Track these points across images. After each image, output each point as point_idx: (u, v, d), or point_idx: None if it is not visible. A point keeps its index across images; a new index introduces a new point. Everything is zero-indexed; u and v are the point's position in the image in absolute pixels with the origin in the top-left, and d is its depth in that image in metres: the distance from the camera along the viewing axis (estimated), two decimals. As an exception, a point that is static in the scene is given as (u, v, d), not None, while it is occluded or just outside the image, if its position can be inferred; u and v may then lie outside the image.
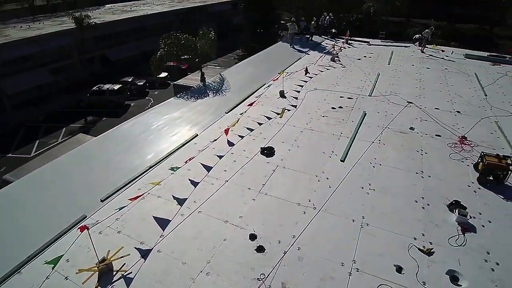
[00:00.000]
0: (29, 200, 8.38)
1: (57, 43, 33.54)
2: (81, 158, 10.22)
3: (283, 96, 14.18)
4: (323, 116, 12.35)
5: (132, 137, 11.31)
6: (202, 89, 15.71)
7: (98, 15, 44.54)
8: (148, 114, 13.16)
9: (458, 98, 14.15)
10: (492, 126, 11.71)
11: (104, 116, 30.13)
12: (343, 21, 34.02)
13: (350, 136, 10.82)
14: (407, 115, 12.40)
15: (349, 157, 9.65)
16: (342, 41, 24.51)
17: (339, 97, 14.13)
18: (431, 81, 16.18)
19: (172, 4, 54.47)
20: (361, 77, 16.80)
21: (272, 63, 19.41)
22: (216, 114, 12.86)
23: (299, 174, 8.90)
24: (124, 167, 9.50)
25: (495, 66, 19.14)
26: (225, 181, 8.65)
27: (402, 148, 10.15)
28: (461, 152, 9.93)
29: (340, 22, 33.02)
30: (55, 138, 26.90)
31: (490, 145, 10.40)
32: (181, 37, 16.70)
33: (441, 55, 21.17)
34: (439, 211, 7.60)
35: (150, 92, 35.57)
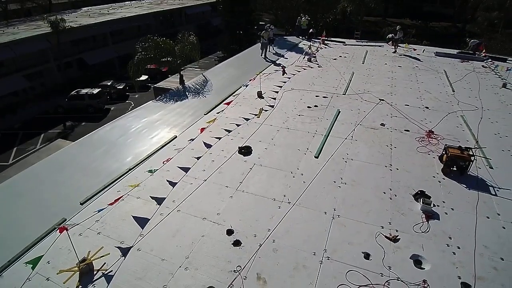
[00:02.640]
0: (8, 206, 8.42)
1: (33, 48, 32.91)
2: (59, 163, 10.26)
3: (260, 96, 14.52)
4: (299, 115, 12.75)
5: (111, 141, 11.42)
6: (181, 92, 15.88)
7: (74, 18, 43.89)
8: (127, 117, 13.26)
9: (427, 94, 14.82)
10: (458, 120, 12.36)
11: (83, 121, 29.81)
12: (320, 22, 34.66)
13: (324, 133, 11.23)
14: (379, 112, 12.94)
15: (323, 153, 10.05)
16: (319, 42, 25.07)
17: (315, 96, 14.58)
18: (402, 79, 16.85)
19: (150, 7, 54.13)
20: (336, 76, 17.32)
21: (252, 64, 19.75)
22: (195, 115, 13.08)
23: (275, 171, 9.24)
24: (103, 170, 9.62)
25: (464, 63, 20.03)
26: (203, 180, 8.90)
27: (373, 143, 10.64)
28: (427, 146, 10.49)
29: (317, 23, 33.65)
30: (33, 144, 26.42)
31: (456, 138, 11.02)
32: (159, 40, 16.80)
33: (413, 53, 21.97)
34: (406, 201, 8.08)
35: (130, 95, 35.36)
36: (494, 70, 18.37)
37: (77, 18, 43.45)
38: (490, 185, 8.69)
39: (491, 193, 8.38)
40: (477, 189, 8.51)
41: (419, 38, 47.62)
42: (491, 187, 8.61)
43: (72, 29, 35.10)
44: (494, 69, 18.53)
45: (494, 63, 19.25)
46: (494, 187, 8.59)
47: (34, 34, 33.83)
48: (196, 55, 18.26)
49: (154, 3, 59.04)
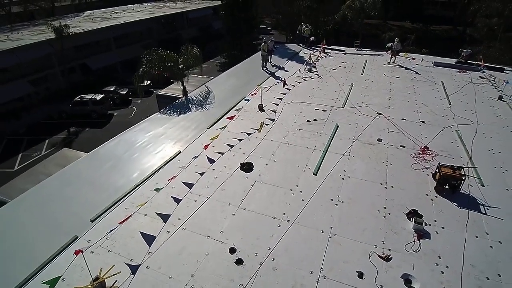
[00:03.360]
0: (21, 223, 8.87)
1: (37, 54, 33.42)
2: (68, 178, 10.72)
3: (262, 109, 14.96)
4: (299, 129, 13.18)
5: (117, 156, 11.87)
6: (184, 103, 16.33)
7: (77, 23, 44.34)
8: (132, 131, 13.73)
9: (424, 107, 15.24)
10: (453, 135, 12.78)
11: (87, 127, 30.26)
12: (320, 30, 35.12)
13: (323, 149, 11.67)
14: (376, 126, 13.36)
15: (321, 170, 10.49)
16: (319, 50, 25.49)
17: (314, 109, 15.00)
18: (400, 91, 17.27)
19: (152, 11, 54.57)
20: (335, 88, 17.74)
21: (252, 74, 20.20)
22: (198, 129, 13.53)
23: (275, 189, 9.68)
24: (110, 186, 10.08)
25: (462, 74, 20.43)
26: (207, 198, 9.35)
27: (369, 160, 11.07)
28: (422, 162, 10.92)
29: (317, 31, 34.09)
30: (38, 150, 26.92)
31: (450, 154, 11.44)
32: (163, 54, 17.26)
33: (412, 63, 22.38)
34: (399, 219, 8.51)
35: (133, 100, 35.80)
36: (492, 81, 18.71)
37: (80, 23, 43.89)
38: (480, 203, 9.12)
39: (481, 212, 8.81)
40: (468, 207, 8.94)
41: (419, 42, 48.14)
42: (481, 205, 9.04)
43: (75, 35, 35.51)
44: (492, 80, 18.86)
45: (492, 75, 19.56)
46: (484, 206, 9.02)
47: (38, 40, 34.24)
48: (199, 67, 18.63)
49: (156, 7, 59.49)
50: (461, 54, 21.93)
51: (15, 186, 16.22)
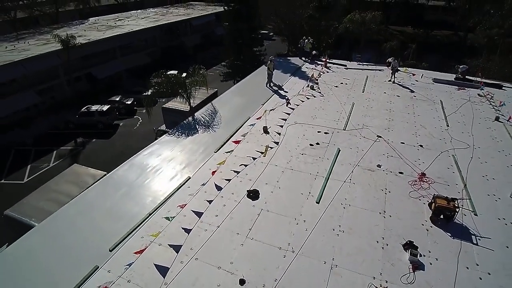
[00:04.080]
0: (39, 255, 9.48)
1: (44, 65, 34.13)
2: (84, 206, 11.36)
3: (266, 132, 15.59)
4: (302, 154, 13.80)
5: (130, 182, 12.51)
6: (191, 124, 16.96)
7: (83, 32, 45.04)
8: (143, 154, 14.36)
9: (423, 130, 15.83)
10: (450, 161, 13.37)
11: (94, 138, 30.92)
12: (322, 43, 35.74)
13: (325, 175, 12.29)
14: (376, 151, 13.97)
15: (323, 198, 11.11)
16: (321, 65, 26.09)
17: (317, 132, 15.62)
18: (399, 111, 17.86)
19: (156, 18, 55.23)
20: (337, 107, 18.35)
21: (257, 91, 20.79)
22: (206, 153, 14.16)
23: (280, 218, 10.32)
24: (125, 214, 10.72)
25: (460, 91, 21.02)
26: (217, 227, 9.99)
27: (369, 187, 11.69)
28: (419, 190, 11.52)
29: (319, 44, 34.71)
30: (47, 162, 27.58)
31: (446, 181, 12.05)
32: (171, 76, 17.90)
33: (412, 79, 22.95)
34: (396, 250, 9.13)
35: (137, 110, 36.45)
36: (490, 100, 19.27)
37: (85, 32, 44.59)
38: (473, 233, 9.72)
39: (473, 242, 9.42)
40: (461, 237, 9.55)
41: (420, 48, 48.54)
42: (473, 235, 9.65)
43: (81, 45, 36.21)
44: (490, 99, 19.42)
45: (490, 93, 20.11)
46: (476, 236, 9.63)
47: (45, 51, 34.94)
48: (205, 87, 19.30)
49: (160, 13, 60.17)
50: (459, 71, 22.46)
51: (29, 204, 16.91)
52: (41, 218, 15.37)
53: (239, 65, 35.70)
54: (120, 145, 29.58)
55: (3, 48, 38.30)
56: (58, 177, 18.93)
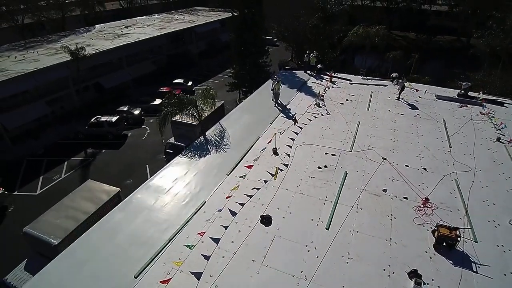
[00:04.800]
0: (69, 282, 10.16)
1: (54, 76, 34.87)
2: (107, 230, 12.06)
3: (276, 153, 16.26)
4: (311, 177, 14.47)
5: (148, 206, 13.19)
6: (203, 145, 17.64)
7: (90, 40, 45.82)
8: (159, 177, 15.03)
9: (426, 152, 16.47)
10: (452, 185, 14.01)
11: (103, 148, 31.60)
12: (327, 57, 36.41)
13: (334, 200, 12.95)
14: (381, 174, 14.62)
15: (333, 224, 11.78)
16: (326, 79, 26.74)
17: (324, 153, 16.28)
18: (404, 131, 18.49)
19: (161, 25, 55.94)
20: (343, 127, 18.99)
21: (265, 109, 21.46)
22: (218, 176, 14.82)
23: (293, 244, 10.99)
24: (147, 240, 11.41)
25: (463, 108, 21.63)
26: (233, 254, 10.67)
27: (375, 213, 12.35)
28: (423, 216, 12.18)
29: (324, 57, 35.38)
30: (58, 173, 28.23)
31: (448, 207, 12.70)
32: (183, 98, 18.58)
33: (415, 95, 23.57)
34: (401, 278, 9.79)
35: (145, 120, 37.16)
36: (491, 118, 19.86)
37: (93, 40, 45.35)
38: (473, 261, 10.38)
39: (473, 270, 10.08)
40: (462, 265, 10.21)
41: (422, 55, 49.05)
42: (473, 263, 10.30)
43: (91, 56, 36.98)
44: (491, 117, 20.01)
45: (492, 112, 20.69)
46: (476, 264, 10.28)
47: (55, 62, 35.67)
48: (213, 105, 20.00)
49: (165, 20, 60.88)
50: (462, 87, 23.06)
51: (47, 221, 17.54)
52: (60, 236, 16.28)
53: (244, 76, 36.36)
54: (130, 156, 30.28)
55: (13, 58, 39.08)
56: (73, 194, 19.56)
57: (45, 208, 22.95)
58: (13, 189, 26.70)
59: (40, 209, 23.31)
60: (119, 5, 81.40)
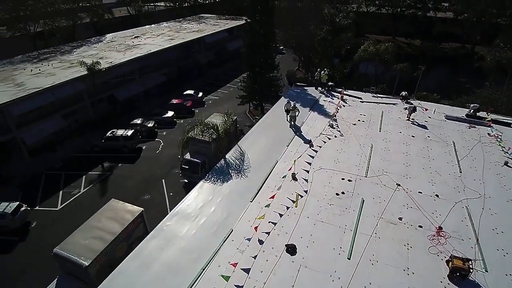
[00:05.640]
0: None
1: (72, 91, 35.91)
2: (143, 260, 12.95)
3: (295, 179, 17.16)
4: (330, 204, 15.35)
5: (179, 234, 14.12)
6: (224, 168, 18.55)
7: (103, 52, 46.86)
8: (185, 203, 15.97)
9: (438, 177, 17.30)
10: (463, 212, 14.84)
11: (119, 162, 32.53)
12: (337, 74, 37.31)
13: (353, 228, 13.82)
14: (396, 201, 15.47)
15: (353, 254, 12.65)
16: (337, 97, 27.62)
17: (341, 179, 17.15)
18: (416, 154, 19.31)
19: (170, 35, 56.94)
20: (357, 149, 19.85)
21: (280, 129, 22.45)
22: (242, 202, 15.70)
23: (317, 274, 11.88)
24: (181, 269, 12.33)
25: (471, 129, 22.43)
26: (263, 283, 11.57)
27: (393, 242, 13.22)
28: (437, 246, 13.03)
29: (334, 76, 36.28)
30: (77, 188, 29.12)
31: (460, 235, 13.54)
32: (208, 123, 19.48)
33: (425, 115, 24.38)
34: (421, 310, 10.65)
35: (158, 132, 38.13)
36: (499, 142, 20.64)
37: (105, 52, 46.39)
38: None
39: (485, 302, 10.92)
40: (475, 296, 11.06)
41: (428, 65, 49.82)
42: (486, 294, 11.15)
43: (106, 70, 38.03)
44: (499, 139, 20.80)
45: (499, 133, 21.46)
46: (488, 294, 11.13)
47: (71, 76, 36.67)
48: (235, 130, 20.90)
49: (173, 29, 61.87)
50: (470, 109, 23.86)
51: (77, 243, 18.29)
52: (90, 257, 17.20)
53: (255, 89, 37.27)
54: (145, 170, 31.23)
55: (29, 71, 40.13)
56: (98, 214, 20.36)
57: (67, 224, 24.04)
58: (34, 204, 27.59)
59: (62, 225, 24.52)
60: (127, 12, 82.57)
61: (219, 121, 25.42)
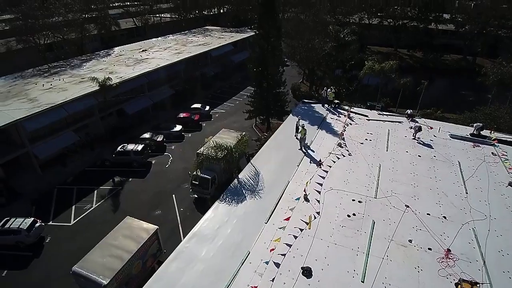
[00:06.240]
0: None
1: (84, 106, 36.81)
2: (165, 284, 13.57)
3: (307, 200, 17.82)
4: (342, 226, 15.98)
5: (198, 256, 14.75)
6: (238, 188, 19.22)
7: (112, 66, 47.81)
8: (202, 225, 16.65)
9: (445, 198, 17.93)
10: (470, 235, 15.45)
11: (130, 177, 33.20)
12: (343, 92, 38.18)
13: (365, 251, 14.43)
14: (406, 223, 16.09)
15: (367, 277, 13.25)
16: (344, 114, 28.36)
17: (351, 200, 17.79)
18: (423, 175, 19.95)
19: (177, 48, 57.99)
20: (365, 170, 20.51)
21: (289, 148, 23.19)
22: (257, 223, 16.34)
23: (333, 298, 12.48)
24: (203, 291, 12.95)
25: (476, 149, 23.09)
26: (282, 306, 12.17)
27: (403, 265, 13.83)
28: (446, 268, 13.62)
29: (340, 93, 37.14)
30: (89, 203, 29.63)
31: (468, 258, 14.15)
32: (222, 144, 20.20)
33: (430, 134, 25.06)
34: (433, 333, 11.23)
35: (167, 146, 38.86)
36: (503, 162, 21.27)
37: (115, 67, 47.34)
38: (494, 314, 11.80)
39: (495, 324, 11.49)
40: (485, 319, 11.63)
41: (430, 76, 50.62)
42: (495, 317, 11.72)
43: (117, 86, 38.94)
44: (503, 161, 21.43)
45: (503, 153, 22.11)
46: (497, 317, 11.70)
47: (83, 92, 37.52)
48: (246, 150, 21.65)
49: (180, 43, 62.97)
50: (474, 128, 24.54)
51: (95, 261, 18.88)
52: (109, 275, 17.87)
53: (262, 104, 38.03)
54: (155, 185, 31.87)
55: (41, 86, 41.04)
56: (114, 232, 20.97)
57: (81, 240, 24.73)
58: (47, 219, 28.04)
59: (76, 240, 25.13)
60: (132, 23, 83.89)
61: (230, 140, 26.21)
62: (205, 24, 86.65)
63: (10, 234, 24.87)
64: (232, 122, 44.07)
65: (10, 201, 30.15)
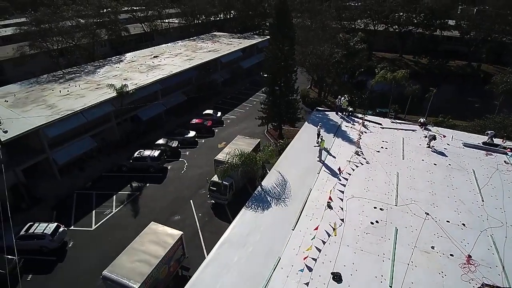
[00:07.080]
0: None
1: (101, 112, 37.75)
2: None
3: (330, 207, 18.61)
4: (366, 233, 16.76)
5: (231, 263, 15.50)
6: (262, 196, 20.01)
7: (126, 73, 48.74)
8: (232, 232, 17.43)
9: (462, 206, 18.69)
10: (488, 241, 16.20)
11: (147, 182, 34.00)
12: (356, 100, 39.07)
13: (391, 257, 15.20)
14: (428, 230, 16.85)
15: (394, 283, 14.00)
16: (358, 122, 29.19)
17: (373, 207, 18.58)
18: (439, 183, 20.72)
19: (188, 54, 59.00)
20: (384, 177, 21.29)
21: (308, 157, 24.01)
22: (284, 230, 17.16)
23: (365, 303, 13.24)
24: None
25: (488, 157, 23.85)
26: (316, 310, 12.94)
27: (428, 271, 14.59)
28: (468, 273, 14.36)
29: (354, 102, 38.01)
30: (109, 208, 30.32)
31: (488, 263, 14.90)
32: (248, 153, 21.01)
33: (443, 142, 25.82)
34: (460, 336, 11.98)
35: (181, 152, 39.69)
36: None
37: (128, 73, 48.30)
38: (517, 318, 12.55)
39: (518, 327, 12.24)
40: (508, 322, 12.38)
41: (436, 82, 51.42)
42: (517, 320, 12.47)
43: (133, 92, 39.87)
44: (515, 168, 22.27)
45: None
46: (519, 320, 12.45)
47: (100, 99, 38.46)
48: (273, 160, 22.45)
49: (190, 49, 63.97)
50: (488, 136, 25.27)
51: (123, 266, 19.47)
52: (139, 280, 18.56)
53: (274, 111, 38.87)
54: (173, 190, 32.66)
55: (58, 92, 41.98)
56: (140, 237, 21.61)
57: (103, 245, 25.46)
58: (69, 223, 28.66)
59: (99, 245, 25.86)
60: (141, 28, 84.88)
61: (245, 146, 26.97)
62: (211, 30, 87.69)
63: (34, 239, 25.52)
64: (243, 128, 44.89)
65: (31, 206, 30.87)
